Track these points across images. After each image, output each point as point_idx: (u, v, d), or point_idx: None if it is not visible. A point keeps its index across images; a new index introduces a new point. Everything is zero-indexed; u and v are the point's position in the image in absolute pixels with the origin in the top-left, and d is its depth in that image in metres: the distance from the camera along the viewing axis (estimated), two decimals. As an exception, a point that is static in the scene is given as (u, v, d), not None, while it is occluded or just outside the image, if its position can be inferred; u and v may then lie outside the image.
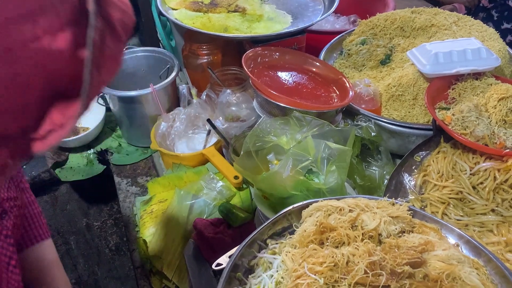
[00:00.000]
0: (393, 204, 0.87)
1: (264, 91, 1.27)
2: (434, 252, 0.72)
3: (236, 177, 1.36)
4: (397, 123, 1.34)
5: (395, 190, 1.18)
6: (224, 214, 1.25)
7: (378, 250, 0.71)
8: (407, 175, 1.22)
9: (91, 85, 0.40)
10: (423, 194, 1.16)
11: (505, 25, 2.17)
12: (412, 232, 0.81)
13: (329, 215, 0.81)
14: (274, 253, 0.80)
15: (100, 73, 0.42)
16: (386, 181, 1.24)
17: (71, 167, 1.72)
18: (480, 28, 1.54)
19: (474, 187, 1.10)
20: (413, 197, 1.17)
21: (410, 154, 1.24)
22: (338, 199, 0.87)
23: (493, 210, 1.06)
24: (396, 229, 0.79)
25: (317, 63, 1.48)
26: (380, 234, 0.78)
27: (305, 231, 0.79)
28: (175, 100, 1.65)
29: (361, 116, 1.38)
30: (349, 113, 1.40)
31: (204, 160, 1.47)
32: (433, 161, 1.20)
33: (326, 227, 0.77)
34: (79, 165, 1.72)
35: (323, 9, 1.66)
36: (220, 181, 1.36)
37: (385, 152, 1.36)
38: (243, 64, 1.33)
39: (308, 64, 1.48)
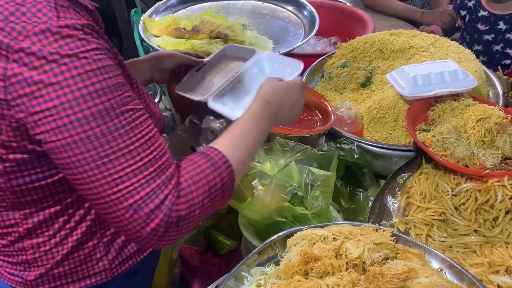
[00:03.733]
0: (377, 230, 0.87)
1: (247, 117, 1.28)
2: (418, 280, 0.72)
3: (221, 203, 1.35)
4: (379, 145, 1.35)
5: (379, 213, 1.18)
6: (210, 242, 1.24)
7: (362, 279, 0.71)
8: (390, 197, 1.22)
9: None
10: (407, 216, 1.17)
11: (476, 47, 2.22)
12: (396, 258, 0.82)
13: (314, 243, 0.82)
14: (259, 285, 0.80)
15: None
16: (370, 202, 1.25)
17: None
18: (457, 49, 1.58)
19: (456, 208, 1.11)
20: (397, 219, 1.17)
21: (393, 176, 1.25)
22: (322, 227, 0.87)
23: (475, 231, 1.07)
24: (379, 256, 0.79)
25: (299, 87, 1.49)
26: (364, 262, 0.78)
27: (290, 261, 0.79)
28: (158, 126, 1.65)
29: (343, 138, 1.39)
30: (332, 135, 1.41)
31: (189, 187, 1.46)
32: (415, 182, 1.21)
33: (311, 257, 0.77)
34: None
35: (304, 33, 1.69)
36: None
37: (369, 173, 1.37)
38: (226, 90, 1.33)
39: (290, 88, 1.49)
